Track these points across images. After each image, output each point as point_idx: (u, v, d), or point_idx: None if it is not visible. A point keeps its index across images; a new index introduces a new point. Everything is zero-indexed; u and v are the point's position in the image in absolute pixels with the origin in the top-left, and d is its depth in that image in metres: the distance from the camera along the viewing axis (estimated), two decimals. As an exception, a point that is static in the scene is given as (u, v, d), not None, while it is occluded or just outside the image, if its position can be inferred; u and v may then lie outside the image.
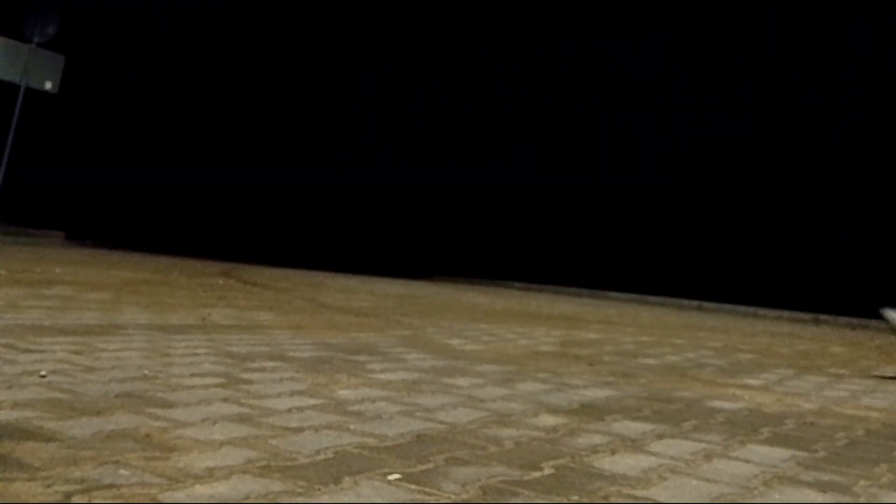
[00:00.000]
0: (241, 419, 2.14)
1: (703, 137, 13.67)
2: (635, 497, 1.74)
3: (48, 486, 1.47)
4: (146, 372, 2.69)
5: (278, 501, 1.51)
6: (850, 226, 11.94)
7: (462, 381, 3.10)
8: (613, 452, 2.14)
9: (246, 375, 2.81)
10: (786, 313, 11.25)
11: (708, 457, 2.18)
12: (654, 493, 1.79)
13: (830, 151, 12.26)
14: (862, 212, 12.02)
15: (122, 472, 1.59)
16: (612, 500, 1.71)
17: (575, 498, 1.70)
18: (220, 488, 1.55)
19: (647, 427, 2.51)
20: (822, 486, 1.97)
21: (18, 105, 13.50)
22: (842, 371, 4.64)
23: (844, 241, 11.88)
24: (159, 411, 2.14)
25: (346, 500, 1.55)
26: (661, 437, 2.38)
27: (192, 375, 2.71)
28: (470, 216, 16.18)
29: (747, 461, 2.17)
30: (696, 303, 12.20)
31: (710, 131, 13.62)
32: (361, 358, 3.49)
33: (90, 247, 13.48)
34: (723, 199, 13.54)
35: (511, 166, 15.94)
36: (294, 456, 1.82)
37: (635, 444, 2.25)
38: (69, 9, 14.54)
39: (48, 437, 1.79)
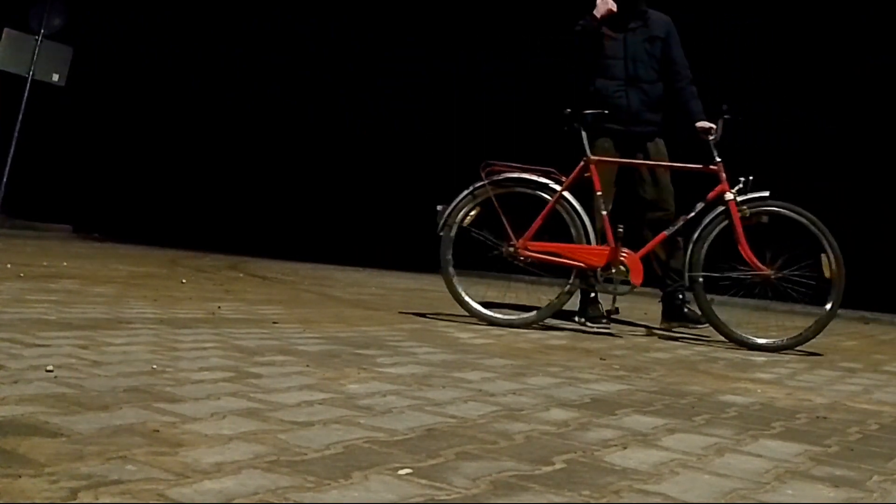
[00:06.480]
0: (250, 414, 2.13)
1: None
2: (646, 492, 1.73)
3: (54, 482, 1.46)
4: (153, 366, 2.68)
5: (287, 496, 1.49)
6: (864, 218, 11.84)
7: (472, 376, 3.09)
8: (624, 447, 2.12)
9: (254, 370, 2.80)
10: (798, 307, 11.17)
11: (719, 451, 2.16)
12: (665, 487, 1.77)
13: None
14: (873, 203, 11.94)
15: (128, 467, 1.58)
16: (623, 495, 1.69)
17: (586, 493, 1.68)
18: (228, 483, 1.54)
19: (659, 421, 2.49)
20: (834, 481, 1.95)
21: (25, 97, 13.53)
22: (854, 365, 4.61)
23: (857, 233, 11.82)
24: (167, 406, 2.13)
25: (355, 495, 1.54)
26: (672, 431, 2.37)
27: (200, 370, 2.71)
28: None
29: (759, 456, 2.15)
30: (709, 297, 12.09)
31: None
32: (371, 352, 3.48)
33: (98, 240, 13.50)
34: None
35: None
36: (303, 451, 1.81)
37: (646, 439, 2.23)
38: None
39: (54, 433, 1.78)
